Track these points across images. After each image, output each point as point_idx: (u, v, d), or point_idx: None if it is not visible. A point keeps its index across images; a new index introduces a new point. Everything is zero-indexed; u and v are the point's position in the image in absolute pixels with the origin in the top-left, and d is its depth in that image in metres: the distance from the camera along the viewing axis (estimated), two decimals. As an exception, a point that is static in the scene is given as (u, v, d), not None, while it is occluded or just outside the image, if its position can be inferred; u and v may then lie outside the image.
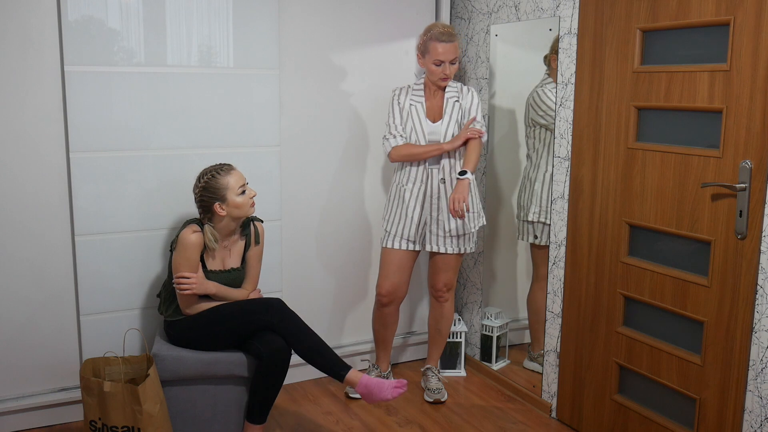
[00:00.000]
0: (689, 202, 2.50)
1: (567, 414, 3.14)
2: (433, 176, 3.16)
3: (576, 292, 3.02)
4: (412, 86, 3.24)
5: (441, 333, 3.43)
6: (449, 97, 3.17)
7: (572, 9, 2.93)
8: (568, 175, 3.02)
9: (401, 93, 3.23)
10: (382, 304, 3.33)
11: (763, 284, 2.28)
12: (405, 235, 3.23)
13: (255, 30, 3.15)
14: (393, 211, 3.26)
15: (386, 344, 3.44)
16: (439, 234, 3.20)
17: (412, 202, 3.19)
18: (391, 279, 3.28)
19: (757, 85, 2.24)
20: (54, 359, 3.04)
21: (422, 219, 3.21)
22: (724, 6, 2.32)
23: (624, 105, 2.72)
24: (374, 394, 2.73)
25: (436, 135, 3.15)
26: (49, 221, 2.94)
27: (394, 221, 3.24)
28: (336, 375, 2.76)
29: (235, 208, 2.75)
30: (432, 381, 3.39)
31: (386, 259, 3.28)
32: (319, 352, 2.76)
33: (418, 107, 3.18)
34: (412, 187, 3.19)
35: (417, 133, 3.16)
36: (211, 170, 2.76)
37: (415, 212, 3.20)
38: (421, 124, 3.16)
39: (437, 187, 3.16)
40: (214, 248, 2.79)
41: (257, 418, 2.78)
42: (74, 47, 2.84)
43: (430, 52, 3.08)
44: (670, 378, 2.62)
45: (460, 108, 3.17)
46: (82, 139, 2.91)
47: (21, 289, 2.94)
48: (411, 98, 3.20)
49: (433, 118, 3.18)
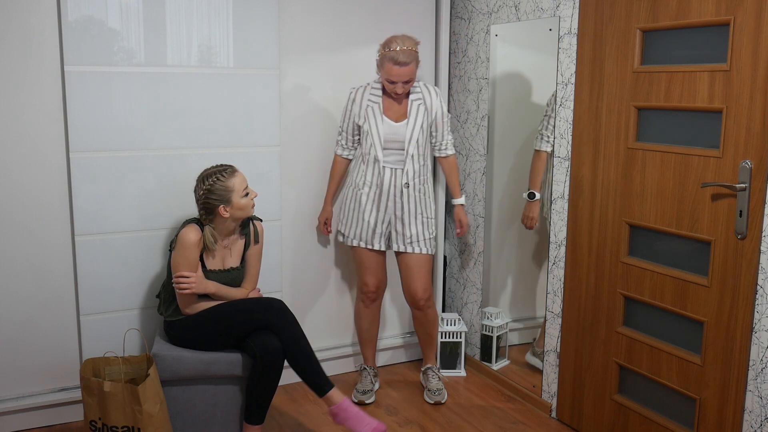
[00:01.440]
0: (689, 202, 2.50)
1: (567, 414, 3.14)
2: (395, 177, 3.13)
3: (576, 292, 3.02)
4: (371, 84, 3.18)
5: (431, 336, 3.43)
6: (414, 99, 3.13)
7: (572, 9, 2.93)
8: (568, 175, 3.02)
9: (357, 93, 3.18)
10: (370, 300, 3.33)
11: (763, 284, 2.28)
12: (364, 238, 3.21)
13: (255, 30, 3.15)
14: (349, 214, 3.24)
15: (374, 341, 3.45)
16: (405, 234, 3.19)
17: (369, 205, 3.17)
18: (374, 273, 3.28)
19: (757, 85, 2.24)
20: (54, 359, 3.04)
21: (383, 221, 3.18)
22: (724, 6, 2.32)
23: (624, 105, 2.72)
24: (349, 422, 2.72)
25: (398, 136, 3.11)
26: (49, 221, 2.94)
27: (351, 224, 3.23)
28: (319, 389, 2.74)
29: (239, 210, 2.76)
30: (432, 381, 3.39)
31: (362, 256, 3.27)
32: (309, 362, 2.74)
33: (375, 108, 3.13)
34: (369, 191, 3.16)
35: (372, 136, 3.12)
36: (214, 172, 2.75)
37: (371, 216, 3.18)
38: (377, 126, 3.11)
39: (398, 188, 3.14)
40: (214, 249, 2.79)
41: (255, 418, 2.78)
42: (74, 47, 2.84)
43: (384, 69, 3.04)
44: (670, 378, 2.62)
45: (426, 110, 3.14)
46: (82, 139, 2.91)
47: (21, 289, 2.94)
48: (369, 98, 3.15)
49: (395, 118, 3.13)
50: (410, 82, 3.07)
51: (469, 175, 3.68)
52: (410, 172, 3.14)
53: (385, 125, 3.12)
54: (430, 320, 3.38)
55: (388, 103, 3.15)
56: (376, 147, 3.12)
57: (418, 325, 3.40)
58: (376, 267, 3.28)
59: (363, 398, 3.30)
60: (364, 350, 3.45)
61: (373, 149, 3.13)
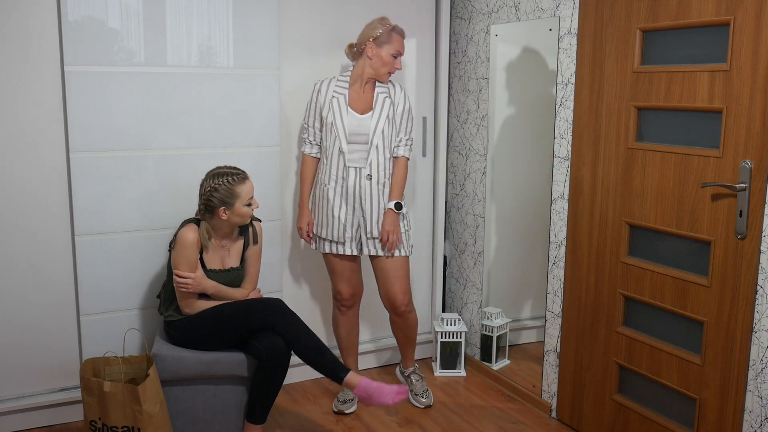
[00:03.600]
0: (689, 202, 2.50)
1: (567, 414, 3.14)
2: (358, 174, 3.03)
3: (576, 292, 3.02)
4: (336, 77, 3.12)
5: (411, 339, 3.35)
6: (379, 92, 3.07)
7: (572, 9, 2.93)
8: (568, 175, 3.02)
9: (323, 84, 3.10)
10: (346, 307, 3.24)
11: (763, 284, 2.28)
12: (336, 237, 3.08)
13: (255, 30, 3.15)
14: (319, 213, 3.11)
15: (355, 347, 3.35)
16: (374, 233, 3.08)
17: (337, 200, 3.05)
18: (348, 281, 3.19)
19: (757, 85, 2.24)
20: (54, 359, 3.04)
21: (353, 223, 3.07)
22: (724, 6, 2.32)
23: (624, 105, 2.72)
24: (374, 398, 2.71)
25: (364, 129, 3.03)
26: (50, 221, 2.95)
27: (322, 225, 3.10)
28: (335, 377, 2.75)
29: (237, 216, 2.76)
30: (417, 386, 3.33)
31: (334, 264, 3.16)
32: (318, 353, 2.75)
33: (340, 99, 3.05)
34: (335, 186, 3.06)
35: (336, 128, 3.03)
36: (226, 173, 2.74)
37: (342, 211, 3.05)
38: (342, 118, 3.03)
39: (362, 184, 3.03)
40: (207, 245, 2.79)
41: (257, 418, 2.78)
42: (74, 47, 2.84)
43: (392, 43, 3.01)
44: (670, 378, 2.62)
45: (392, 104, 3.07)
46: (82, 139, 2.91)
47: (21, 289, 2.94)
48: (334, 89, 3.08)
49: (361, 110, 3.06)
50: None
51: (469, 175, 3.67)
52: (373, 163, 3.03)
53: (350, 117, 3.04)
54: (411, 325, 3.27)
55: (355, 95, 3.07)
56: (340, 139, 3.02)
57: (397, 329, 3.30)
58: (349, 274, 3.19)
59: (343, 408, 3.19)
60: (344, 358, 3.34)
61: (338, 141, 3.03)
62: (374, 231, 3.07)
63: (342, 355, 3.35)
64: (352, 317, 3.29)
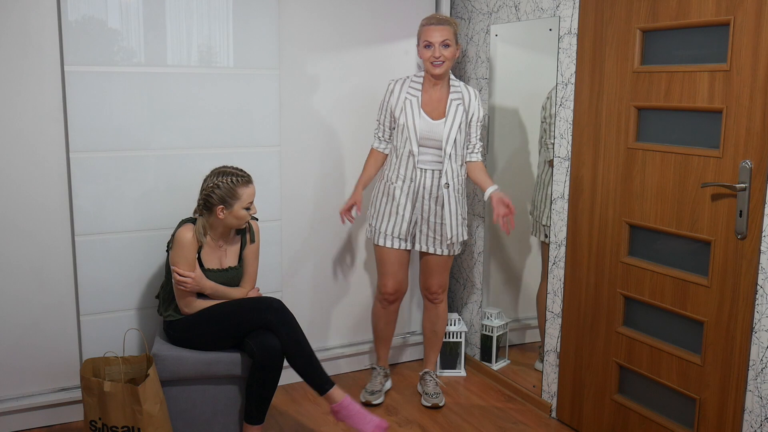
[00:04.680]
0: (689, 202, 2.50)
1: (567, 414, 3.13)
2: (425, 176, 3.09)
3: (576, 292, 3.02)
4: (411, 77, 3.16)
5: (437, 334, 3.42)
6: (453, 99, 3.09)
7: (572, 9, 2.93)
8: (568, 175, 3.02)
9: (396, 84, 3.16)
10: (388, 302, 3.31)
11: (763, 284, 2.28)
12: (396, 233, 3.17)
13: (255, 30, 3.15)
14: (382, 208, 3.19)
15: (388, 341, 3.44)
16: (429, 235, 3.18)
17: (403, 200, 3.13)
18: (394, 276, 3.25)
19: (757, 85, 2.24)
20: (54, 359, 3.04)
21: (413, 218, 3.17)
22: (724, 6, 2.32)
23: (624, 105, 2.72)
24: (353, 420, 2.73)
25: (435, 134, 3.07)
26: (49, 221, 2.94)
27: (384, 219, 3.18)
28: (319, 388, 2.75)
29: (235, 218, 2.76)
30: (430, 385, 3.36)
31: (384, 257, 3.24)
32: (309, 362, 2.74)
33: (413, 101, 3.09)
34: (402, 185, 3.12)
35: (408, 130, 3.08)
36: (231, 173, 2.74)
37: (407, 210, 3.14)
38: (414, 120, 3.07)
39: (437, 191, 3.11)
40: (203, 241, 2.78)
41: (255, 418, 2.78)
42: (74, 47, 2.84)
43: (421, 36, 3.05)
44: (670, 378, 2.62)
45: (465, 112, 3.10)
46: (82, 139, 2.91)
47: (21, 290, 2.94)
48: (407, 91, 3.12)
49: (434, 115, 3.09)
50: (450, 48, 3.02)
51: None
52: (449, 172, 3.10)
53: (422, 120, 3.08)
54: (440, 315, 3.37)
55: (427, 98, 3.11)
56: (411, 141, 3.08)
57: (427, 321, 3.41)
58: (398, 269, 3.25)
59: (371, 398, 3.29)
60: (378, 349, 3.45)
61: (409, 143, 3.08)
62: (447, 234, 3.15)
63: (375, 345, 3.46)
64: (392, 313, 3.37)
